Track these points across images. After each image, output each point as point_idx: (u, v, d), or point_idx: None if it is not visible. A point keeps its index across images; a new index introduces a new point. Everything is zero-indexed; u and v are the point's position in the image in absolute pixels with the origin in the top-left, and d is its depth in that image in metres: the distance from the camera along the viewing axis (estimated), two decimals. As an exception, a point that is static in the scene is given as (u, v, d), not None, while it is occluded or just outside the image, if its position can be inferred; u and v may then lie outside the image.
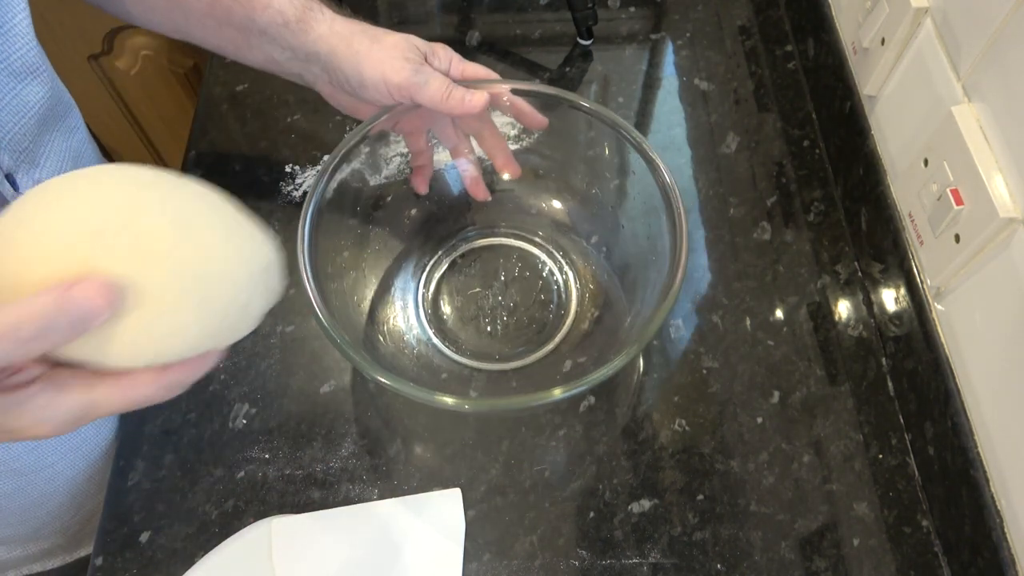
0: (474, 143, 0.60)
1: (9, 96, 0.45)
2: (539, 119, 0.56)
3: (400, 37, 0.52)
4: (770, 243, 0.66)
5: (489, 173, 0.62)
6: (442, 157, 0.61)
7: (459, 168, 0.61)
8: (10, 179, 0.46)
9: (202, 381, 0.58)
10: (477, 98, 0.52)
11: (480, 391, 0.57)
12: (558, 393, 0.44)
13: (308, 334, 0.60)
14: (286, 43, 0.52)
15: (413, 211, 0.62)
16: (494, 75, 0.55)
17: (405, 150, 0.60)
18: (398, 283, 0.61)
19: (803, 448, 0.56)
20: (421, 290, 0.61)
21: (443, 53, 0.54)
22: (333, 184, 0.53)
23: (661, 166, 0.52)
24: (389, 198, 0.61)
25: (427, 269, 0.62)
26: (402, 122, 0.55)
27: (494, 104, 0.55)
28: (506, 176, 0.61)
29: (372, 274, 0.60)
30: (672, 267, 0.48)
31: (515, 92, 0.55)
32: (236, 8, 0.51)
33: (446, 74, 0.53)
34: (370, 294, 0.59)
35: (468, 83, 0.53)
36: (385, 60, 0.51)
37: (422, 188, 0.61)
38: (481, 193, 0.62)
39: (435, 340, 0.59)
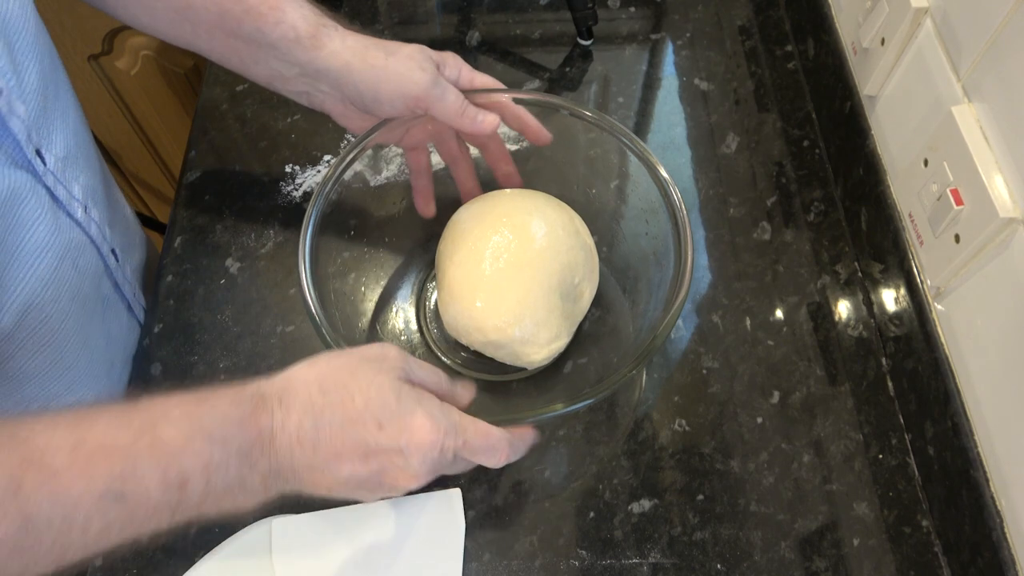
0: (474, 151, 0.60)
1: (23, 71, 0.45)
2: (544, 134, 0.56)
3: (414, 48, 0.52)
4: (770, 243, 0.66)
5: (487, 182, 0.61)
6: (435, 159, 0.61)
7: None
8: (39, 155, 0.47)
9: (201, 380, 0.58)
10: (490, 120, 0.52)
11: (480, 399, 0.57)
12: (559, 407, 0.45)
13: (308, 334, 0.60)
14: (295, 59, 0.51)
15: (414, 214, 0.62)
16: (500, 84, 0.55)
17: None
18: (399, 293, 0.61)
19: (803, 448, 0.56)
20: (424, 302, 0.61)
21: (453, 62, 0.54)
22: (336, 188, 0.53)
23: (663, 174, 0.52)
24: (391, 202, 0.61)
25: (428, 277, 0.62)
26: (408, 136, 0.55)
27: (500, 117, 0.54)
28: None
29: (373, 281, 0.60)
30: (676, 280, 0.48)
31: (517, 101, 0.55)
32: (247, 21, 0.50)
33: (456, 83, 0.53)
34: (371, 306, 0.60)
35: (473, 90, 0.53)
36: (403, 72, 0.51)
37: (429, 210, 0.60)
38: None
39: (434, 349, 0.59)
